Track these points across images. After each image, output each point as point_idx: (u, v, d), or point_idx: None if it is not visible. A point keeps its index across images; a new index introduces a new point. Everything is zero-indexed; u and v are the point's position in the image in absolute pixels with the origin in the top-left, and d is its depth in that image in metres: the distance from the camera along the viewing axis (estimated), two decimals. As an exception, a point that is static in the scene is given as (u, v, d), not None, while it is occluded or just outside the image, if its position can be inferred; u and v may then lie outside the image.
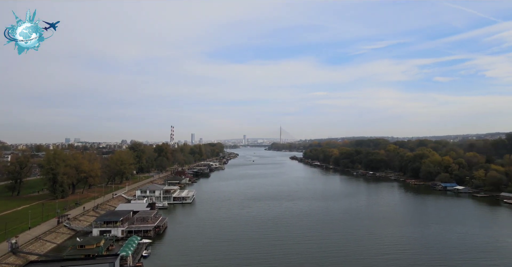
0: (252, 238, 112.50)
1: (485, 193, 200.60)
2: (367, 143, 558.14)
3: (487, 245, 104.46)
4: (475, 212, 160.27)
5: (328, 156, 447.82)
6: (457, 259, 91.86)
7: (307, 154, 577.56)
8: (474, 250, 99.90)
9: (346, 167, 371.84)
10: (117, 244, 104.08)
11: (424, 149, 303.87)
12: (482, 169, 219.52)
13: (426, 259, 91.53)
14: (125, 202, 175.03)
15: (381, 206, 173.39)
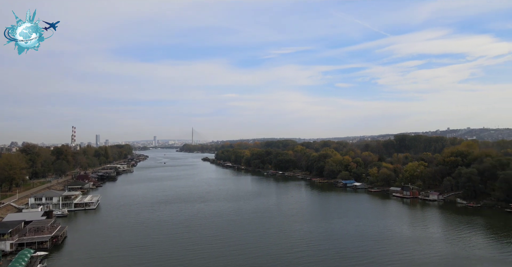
0: (164, 243, 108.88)
1: (378, 188, 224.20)
2: (277, 144, 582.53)
3: (380, 234, 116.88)
4: (370, 206, 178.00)
5: (239, 157, 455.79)
6: (356, 248, 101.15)
7: (219, 155, 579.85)
8: (370, 239, 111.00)
9: (257, 167, 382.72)
10: (5, 259, 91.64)
11: (328, 149, 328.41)
12: (376, 167, 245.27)
13: (330, 251, 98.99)
14: (16, 211, 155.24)
15: (290, 204, 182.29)
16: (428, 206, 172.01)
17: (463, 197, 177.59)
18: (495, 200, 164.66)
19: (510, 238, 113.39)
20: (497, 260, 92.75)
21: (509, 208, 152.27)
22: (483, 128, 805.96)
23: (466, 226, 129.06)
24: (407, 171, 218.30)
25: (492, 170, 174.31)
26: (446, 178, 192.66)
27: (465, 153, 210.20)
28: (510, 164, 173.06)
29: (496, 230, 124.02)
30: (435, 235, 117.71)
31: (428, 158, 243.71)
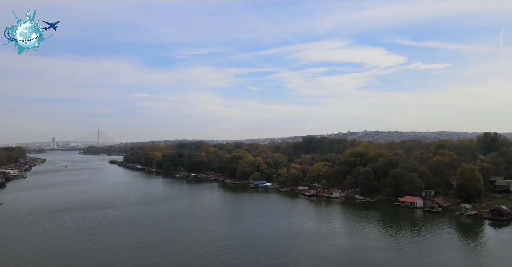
0: (64, 255, 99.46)
1: (287, 188, 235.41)
2: (190, 146, 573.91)
3: (290, 232, 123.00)
4: (281, 205, 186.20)
5: (150, 159, 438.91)
6: (269, 247, 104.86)
7: (128, 157, 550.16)
8: (281, 237, 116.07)
9: (169, 169, 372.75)
10: None
11: (240, 151, 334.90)
12: (285, 167, 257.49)
13: (244, 251, 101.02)
14: None
15: (204, 206, 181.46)
16: (331, 203, 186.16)
17: (361, 193, 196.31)
18: (386, 195, 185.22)
19: (399, 229, 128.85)
20: (390, 249, 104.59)
21: (398, 202, 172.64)
22: (377, 131, 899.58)
23: (363, 220, 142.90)
24: (314, 171, 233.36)
25: (384, 168, 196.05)
26: (347, 176, 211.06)
27: (362, 154, 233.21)
28: (398, 163, 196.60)
29: (387, 222, 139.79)
30: (338, 230, 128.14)
31: (332, 158, 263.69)
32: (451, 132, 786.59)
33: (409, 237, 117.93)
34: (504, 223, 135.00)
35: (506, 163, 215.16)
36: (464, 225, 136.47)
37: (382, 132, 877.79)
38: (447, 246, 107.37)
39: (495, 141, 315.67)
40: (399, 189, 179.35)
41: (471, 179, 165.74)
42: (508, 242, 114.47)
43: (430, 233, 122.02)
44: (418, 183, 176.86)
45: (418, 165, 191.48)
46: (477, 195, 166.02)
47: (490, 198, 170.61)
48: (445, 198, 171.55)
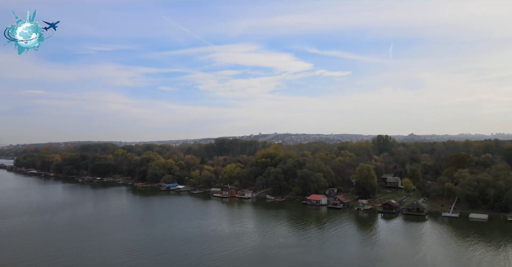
0: None
1: (200, 190, 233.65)
2: (95, 148, 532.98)
3: (204, 235, 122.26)
4: (193, 207, 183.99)
5: (47, 163, 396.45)
6: (182, 252, 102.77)
7: (20, 161, 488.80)
8: (195, 241, 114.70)
9: (71, 173, 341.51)
10: None
11: (151, 153, 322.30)
12: (198, 169, 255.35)
13: (155, 258, 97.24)
14: None
15: (110, 212, 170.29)
16: (244, 204, 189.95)
17: (272, 193, 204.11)
18: (295, 194, 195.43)
19: (306, 226, 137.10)
20: (299, 245, 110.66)
21: (305, 200, 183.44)
22: (286, 133, 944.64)
23: (274, 219, 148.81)
24: (226, 172, 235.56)
25: (293, 168, 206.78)
26: (258, 177, 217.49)
27: (273, 155, 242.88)
28: (305, 163, 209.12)
29: (296, 220, 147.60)
30: (250, 230, 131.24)
31: (244, 160, 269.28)
32: (351, 135, 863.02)
33: (315, 232, 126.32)
34: (393, 215, 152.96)
35: (395, 162, 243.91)
36: (361, 219, 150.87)
37: (291, 135, 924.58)
38: (348, 239, 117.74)
39: (386, 143, 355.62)
40: (306, 188, 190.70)
41: (368, 177, 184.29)
42: (396, 231, 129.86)
43: (333, 228, 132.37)
44: (323, 182, 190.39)
45: (323, 165, 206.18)
46: (372, 191, 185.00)
47: (383, 194, 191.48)
48: (346, 195, 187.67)
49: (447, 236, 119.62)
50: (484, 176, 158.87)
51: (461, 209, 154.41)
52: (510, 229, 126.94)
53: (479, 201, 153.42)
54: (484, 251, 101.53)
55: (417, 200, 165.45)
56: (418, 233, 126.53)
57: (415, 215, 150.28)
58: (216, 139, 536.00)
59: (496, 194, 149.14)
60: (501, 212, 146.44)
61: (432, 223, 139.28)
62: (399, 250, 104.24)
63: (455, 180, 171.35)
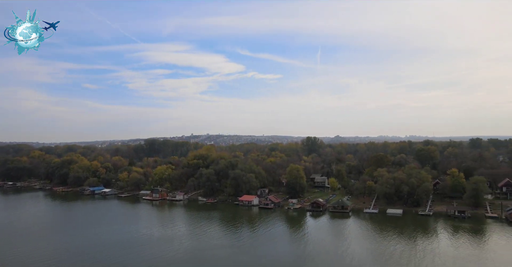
0: None
1: (128, 193, 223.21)
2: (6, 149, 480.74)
3: (134, 240, 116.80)
4: (121, 211, 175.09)
5: None
6: (109, 260, 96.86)
7: None
8: (123, 246, 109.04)
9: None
10: None
11: (73, 155, 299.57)
12: (126, 171, 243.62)
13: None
14: None
15: (24, 220, 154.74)
16: (175, 206, 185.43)
17: (204, 195, 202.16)
18: (227, 195, 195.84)
19: (239, 226, 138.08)
20: (232, 246, 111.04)
21: (237, 201, 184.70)
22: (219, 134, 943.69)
23: (206, 221, 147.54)
24: (157, 174, 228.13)
25: (225, 170, 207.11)
26: (190, 178, 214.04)
27: (205, 156, 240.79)
28: (238, 164, 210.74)
29: (229, 221, 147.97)
30: (182, 233, 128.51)
31: (175, 161, 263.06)
32: (282, 136, 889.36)
33: (247, 233, 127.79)
34: (321, 213, 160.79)
35: (323, 163, 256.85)
36: (291, 218, 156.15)
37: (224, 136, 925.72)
38: (279, 237, 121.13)
39: (315, 144, 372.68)
40: (238, 189, 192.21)
41: (297, 177, 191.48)
42: (323, 228, 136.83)
43: (264, 228, 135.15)
44: (255, 183, 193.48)
45: (255, 166, 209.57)
46: (302, 191, 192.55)
47: (311, 193, 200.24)
48: (276, 195, 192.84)
49: (368, 231, 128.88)
50: (399, 174, 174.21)
51: (380, 205, 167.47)
52: (421, 222, 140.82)
53: (395, 197, 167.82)
54: (399, 242, 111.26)
55: (342, 198, 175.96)
56: (343, 229, 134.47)
57: (340, 213, 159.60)
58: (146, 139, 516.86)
59: (409, 190, 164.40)
60: (414, 207, 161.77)
61: (355, 219, 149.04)
62: (327, 247, 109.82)
63: (375, 179, 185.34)
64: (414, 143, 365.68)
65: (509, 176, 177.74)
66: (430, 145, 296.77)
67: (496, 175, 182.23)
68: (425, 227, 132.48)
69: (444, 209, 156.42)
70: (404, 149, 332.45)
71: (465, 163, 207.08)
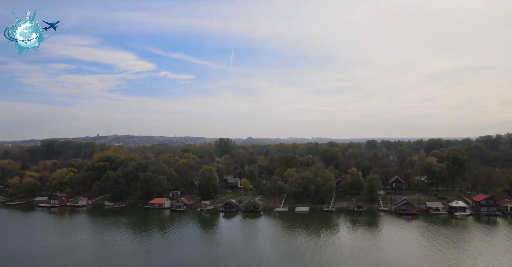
0: None
1: (20, 200, 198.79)
2: None
3: (26, 253, 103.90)
4: (11, 222, 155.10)
5: None
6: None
7: None
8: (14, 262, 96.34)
9: None
10: None
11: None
12: (18, 176, 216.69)
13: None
14: None
15: None
16: (77, 213, 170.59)
17: (111, 199, 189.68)
18: (137, 198, 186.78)
19: (149, 231, 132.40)
20: (141, 251, 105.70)
21: (148, 204, 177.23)
22: (128, 135, 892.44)
23: (113, 227, 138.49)
24: (56, 179, 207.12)
25: (135, 172, 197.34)
26: (95, 182, 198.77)
27: (112, 158, 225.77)
28: (148, 166, 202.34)
29: (138, 226, 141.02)
30: (86, 241, 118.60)
31: (78, 164, 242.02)
32: (195, 137, 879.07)
33: (158, 237, 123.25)
34: (234, 214, 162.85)
35: (235, 164, 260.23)
36: (204, 219, 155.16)
37: (133, 137, 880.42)
38: (191, 240, 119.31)
39: (228, 145, 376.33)
40: (149, 192, 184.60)
41: (210, 178, 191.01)
42: (235, 228, 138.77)
43: (176, 231, 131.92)
44: (166, 185, 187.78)
45: (166, 167, 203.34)
46: (214, 192, 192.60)
47: (224, 194, 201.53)
48: (189, 197, 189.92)
49: (278, 229, 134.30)
50: (306, 174, 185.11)
51: (289, 204, 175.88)
52: (326, 218, 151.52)
53: (303, 195, 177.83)
54: (306, 238, 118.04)
55: (254, 198, 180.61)
56: (254, 228, 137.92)
57: (252, 212, 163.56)
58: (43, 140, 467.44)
59: (316, 189, 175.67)
60: (319, 204, 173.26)
61: (266, 218, 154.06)
62: (239, 246, 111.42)
63: (285, 178, 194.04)
64: (320, 144, 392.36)
65: (398, 174, 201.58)
66: (334, 146, 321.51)
67: (388, 173, 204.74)
68: (329, 222, 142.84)
69: (345, 205, 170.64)
70: (311, 149, 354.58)
71: (362, 162, 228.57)
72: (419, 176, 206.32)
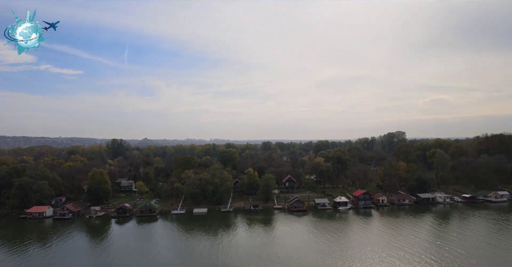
0: None
1: None
2: None
3: None
4: None
5: None
6: None
7: None
8: None
9: None
10: None
11: None
12: None
13: None
14: None
15: None
16: None
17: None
18: (10, 208, 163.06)
19: (26, 245, 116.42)
20: None
21: (24, 214, 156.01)
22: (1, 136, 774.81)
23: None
24: None
25: (8, 177, 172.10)
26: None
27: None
28: (26, 171, 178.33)
29: (11, 239, 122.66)
30: None
31: None
32: (84, 138, 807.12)
33: (37, 251, 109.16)
34: (128, 219, 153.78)
35: (130, 166, 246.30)
36: (93, 226, 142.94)
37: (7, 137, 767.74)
38: (77, 250, 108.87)
39: (121, 147, 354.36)
40: (26, 199, 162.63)
41: (101, 182, 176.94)
42: (128, 234, 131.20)
43: (59, 242, 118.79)
44: (48, 191, 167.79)
45: (48, 172, 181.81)
46: (106, 197, 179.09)
47: (117, 198, 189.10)
48: (76, 203, 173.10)
49: (175, 232, 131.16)
50: (204, 175, 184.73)
51: (187, 206, 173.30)
52: (223, 218, 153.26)
53: (201, 197, 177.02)
54: (205, 240, 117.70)
55: (149, 202, 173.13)
56: (150, 233, 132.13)
57: (148, 216, 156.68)
58: None
59: (213, 189, 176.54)
60: (217, 204, 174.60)
61: (163, 222, 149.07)
62: (132, 252, 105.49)
63: (183, 180, 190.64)
64: (218, 146, 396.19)
65: (291, 173, 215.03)
66: (231, 148, 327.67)
67: (282, 173, 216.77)
68: (226, 223, 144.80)
69: (242, 205, 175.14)
70: (209, 151, 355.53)
71: (259, 163, 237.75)
72: (309, 175, 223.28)
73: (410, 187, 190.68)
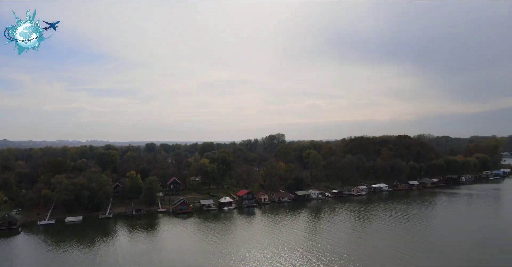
0: None
1: None
2: None
3: None
4: None
5: None
6: None
7: None
8: None
9: None
10: None
11: None
12: None
13: None
14: None
15: None
16: None
17: None
18: None
19: None
20: None
21: None
22: None
23: None
24: None
25: None
26: None
27: None
28: None
29: None
30: None
31: None
32: None
33: None
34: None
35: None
36: None
37: None
38: None
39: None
40: None
41: None
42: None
43: None
44: None
45: None
46: None
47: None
48: None
49: (42, 245, 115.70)
50: (80, 179, 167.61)
51: (58, 215, 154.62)
52: (101, 226, 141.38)
53: (75, 204, 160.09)
54: (79, 251, 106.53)
55: (9, 213, 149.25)
56: (8, 249, 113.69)
57: (7, 230, 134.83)
58: None
59: (90, 195, 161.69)
60: (95, 211, 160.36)
61: (26, 235, 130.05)
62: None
63: (53, 186, 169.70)
64: (96, 148, 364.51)
65: (176, 175, 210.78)
66: (111, 149, 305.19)
67: (166, 175, 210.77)
68: (105, 231, 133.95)
69: (123, 210, 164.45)
70: (85, 153, 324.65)
71: (142, 165, 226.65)
72: (194, 176, 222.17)
73: (289, 185, 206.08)
